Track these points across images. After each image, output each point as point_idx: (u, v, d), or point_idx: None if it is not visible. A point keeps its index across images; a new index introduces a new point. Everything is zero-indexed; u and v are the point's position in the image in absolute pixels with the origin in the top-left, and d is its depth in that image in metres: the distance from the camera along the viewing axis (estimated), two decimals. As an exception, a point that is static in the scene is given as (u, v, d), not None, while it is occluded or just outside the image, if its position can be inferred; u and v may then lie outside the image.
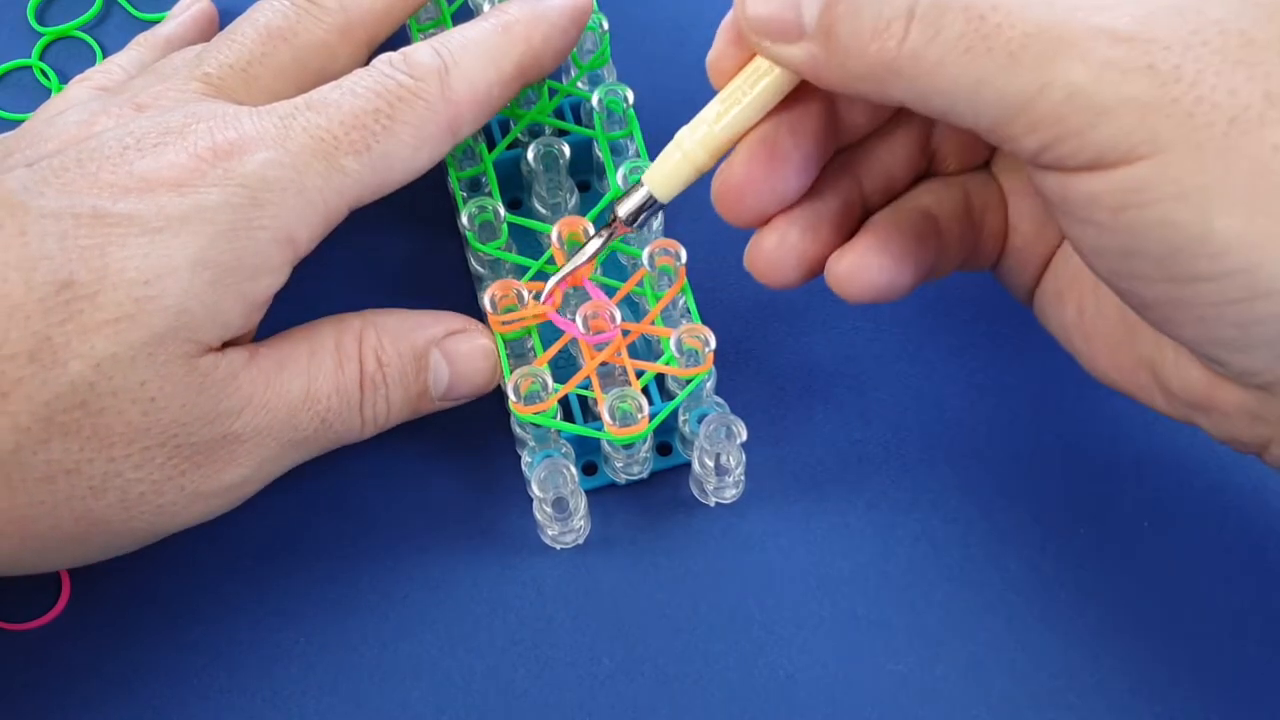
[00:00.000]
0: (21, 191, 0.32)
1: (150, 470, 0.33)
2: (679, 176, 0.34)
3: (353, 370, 0.36)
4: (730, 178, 0.33)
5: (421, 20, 0.42)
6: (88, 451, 0.32)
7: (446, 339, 0.37)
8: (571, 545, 0.38)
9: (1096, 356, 0.34)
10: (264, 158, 0.33)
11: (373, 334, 0.36)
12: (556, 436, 0.37)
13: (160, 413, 0.32)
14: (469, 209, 0.38)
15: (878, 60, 0.29)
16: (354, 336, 0.36)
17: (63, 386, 0.31)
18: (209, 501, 0.34)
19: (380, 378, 0.36)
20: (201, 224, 0.32)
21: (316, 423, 0.35)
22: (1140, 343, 0.32)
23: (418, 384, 0.37)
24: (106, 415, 0.32)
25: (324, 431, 0.36)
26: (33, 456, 0.31)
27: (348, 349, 0.36)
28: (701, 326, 0.36)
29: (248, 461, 0.34)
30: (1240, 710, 0.36)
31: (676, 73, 0.44)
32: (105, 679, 0.37)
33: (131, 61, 0.42)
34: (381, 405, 0.36)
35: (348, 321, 0.36)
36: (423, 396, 0.37)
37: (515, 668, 0.37)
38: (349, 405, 0.36)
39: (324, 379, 0.35)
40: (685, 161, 0.34)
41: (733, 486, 0.38)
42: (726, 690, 0.37)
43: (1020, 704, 0.36)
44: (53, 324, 0.31)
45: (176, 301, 0.32)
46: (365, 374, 0.36)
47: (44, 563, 0.35)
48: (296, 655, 0.37)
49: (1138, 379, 0.33)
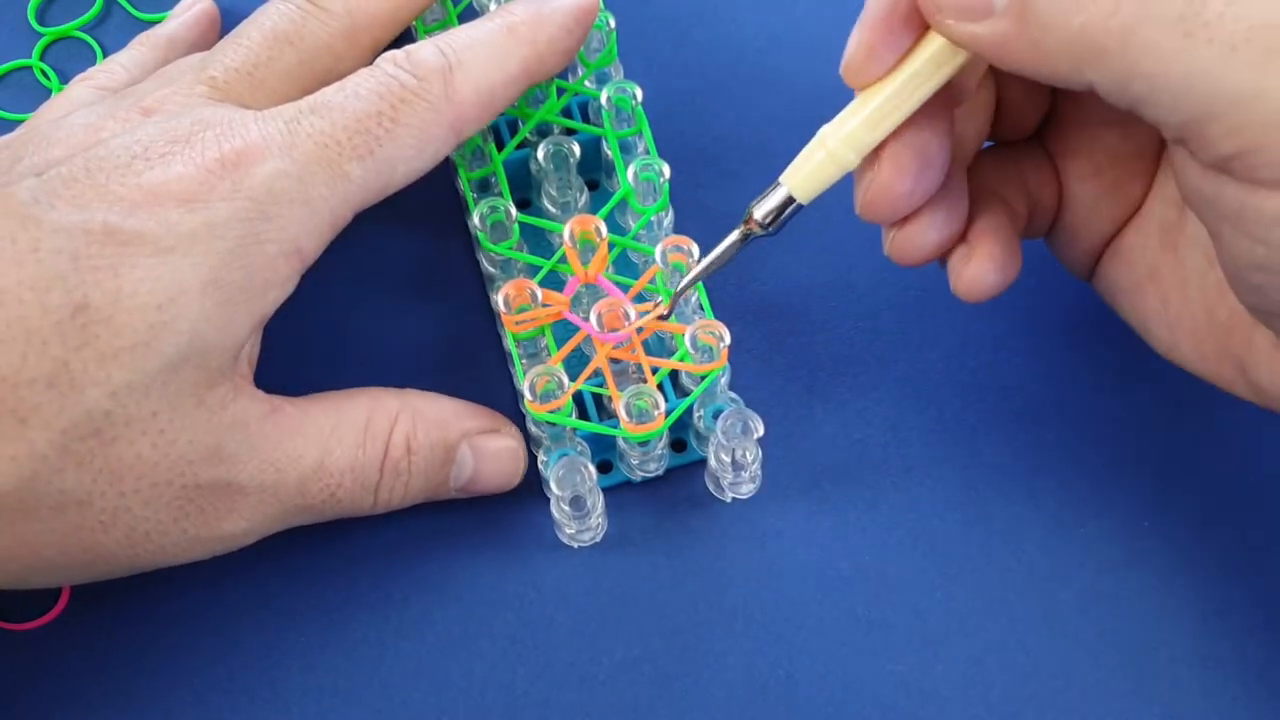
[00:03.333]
0: (33, 204, 0.32)
1: (157, 509, 0.33)
2: (822, 176, 0.33)
3: (375, 452, 0.36)
4: (884, 187, 0.33)
5: (427, 21, 0.42)
6: (100, 484, 0.32)
7: (478, 435, 0.37)
8: (589, 543, 0.38)
9: (1180, 345, 0.34)
10: (271, 168, 0.33)
11: (408, 420, 0.36)
12: (572, 435, 0.37)
13: (169, 447, 0.32)
14: (480, 209, 0.38)
15: (1081, 35, 0.27)
16: (388, 418, 0.36)
17: (80, 414, 0.31)
18: (208, 546, 0.34)
19: (406, 465, 0.36)
20: (211, 241, 0.32)
21: (325, 495, 0.35)
22: (1233, 340, 0.32)
23: (440, 475, 0.37)
24: (119, 446, 0.32)
25: (331, 505, 0.35)
26: (47, 485, 0.31)
27: (377, 430, 0.36)
28: (716, 322, 0.37)
29: (249, 516, 0.34)
30: (1240, 710, 0.36)
31: (683, 69, 0.44)
32: (105, 679, 0.37)
33: (132, 61, 0.42)
34: (399, 491, 0.36)
35: (384, 401, 0.36)
36: (442, 486, 0.37)
37: (515, 668, 0.37)
38: (363, 486, 0.36)
39: (342, 455, 0.35)
40: (830, 161, 0.33)
41: (749, 481, 0.38)
42: (727, 690, 0.37)
43: (1020, 704, 0.37)
44: (70, 349, 0.31)
45: (190, 326, 0.32)
46: (390, 458, 0.36)
47: (47, 582, 0.35)
48: (296, 655, 0.37)
49: (1222, 371, 0.33)
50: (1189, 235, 0.33)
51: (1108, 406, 0.40)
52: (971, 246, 0.34)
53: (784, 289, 0.41)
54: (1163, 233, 0.34)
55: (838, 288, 0.41)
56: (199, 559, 0.35)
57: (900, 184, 0.32)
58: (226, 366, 0.33)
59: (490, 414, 0.38)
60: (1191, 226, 0.33)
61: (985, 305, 0.41)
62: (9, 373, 0.31)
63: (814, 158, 0.33)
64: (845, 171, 0.33)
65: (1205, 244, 0.32)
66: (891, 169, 0.32)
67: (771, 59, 0.44)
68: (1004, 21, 0.28)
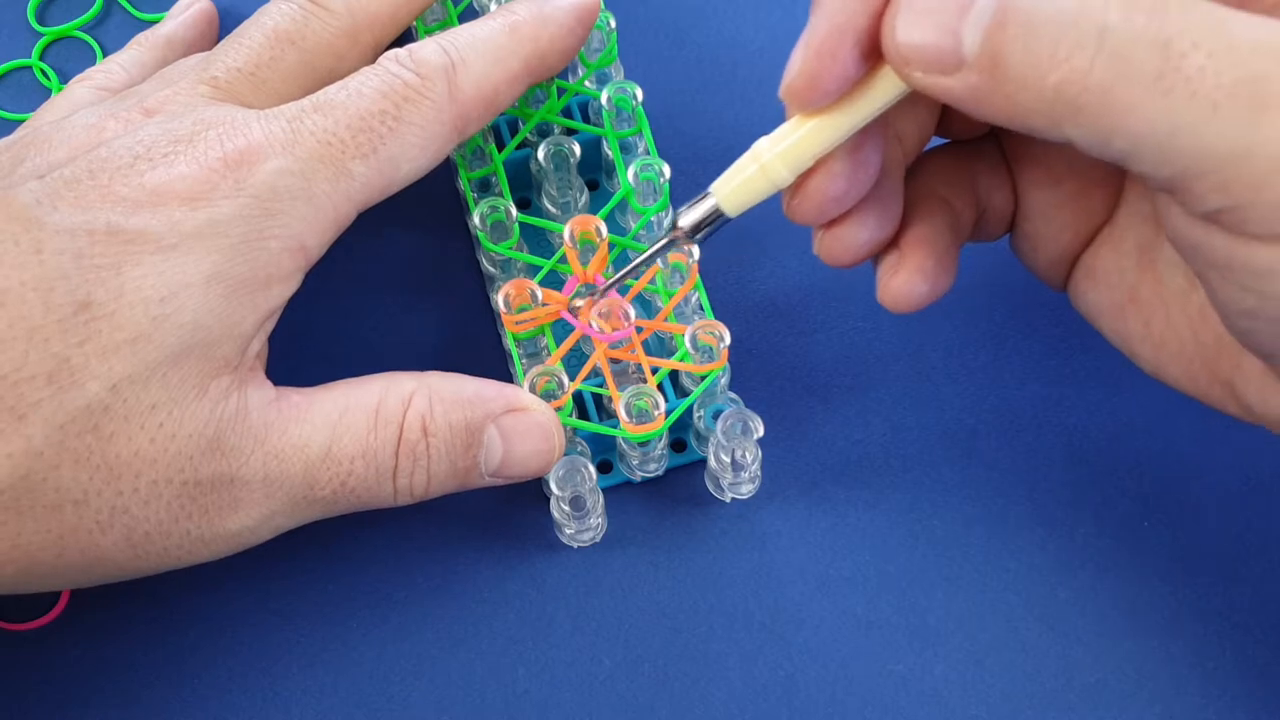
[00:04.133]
0: (35, 206, 0.32)
1: (156, 508, 0.32)
2: (752, 190, 0.32)
3: (388, 435, 0.34)
4: (813, 191, 0.31)
5: (428, 21, 0.42)
6: (96, 482, 0.31)
7: (505, 415, 0.35)
8: (589, 543, 0.38)
9: (1166, 367, 0.33)
10: (274, 166, 0.33)
11: (424, 400, 0.35)
12: (572, 435, 0.37)
13: (168, 441, 0.32)
14: (480, 209, 0.39)
15: (1057, 94, 0.26)
16: (400, 399, 0.35)
17: (78, 409, 0.31)
18: (213, 546, 0.34)
19: (423, 448, 0.35)
20: (215, 238, 0.32)
21: (336, 485, 0.34)
22: (1220, 363, 0.31)
23: (466, 459, 0.35)
24: (116, 442, 0.31)
25: (344, 495, 0.34)
26: (43, 483, 0.31)
27: (388, 412, 0.34)
28: (716, 322, 0.37)
29: (253, 511, 0.34)
30: (1241, 710, 0.36)
31: (683, 69, 0.44)
32: (105, 679, 0.37)
33: (132, 61, 0.42)
34: (421, 477, 0.35)
35: (398, 382, 0.35)
36: (471, 471, 0.35)
37: (515, 667, 0.37)
38: (378, 473, 0.34)
39: (350, 440, 0.34)
40: (762, 176, 0.31)
41: (749, 482, 0.38)
42: (727, 690, 0.37)
43: (1020, 704, 0.37)
44: (71, 345, 0.31)
45: (192, 318, 0.32)
46: (405, 441, 0.34)
47: (46, 587, 0.34)
48: (296, 655, 0.37)
49: (1211, 392, 0.32)
50: (1168, 256, 0.32)
51: (1108, 406, 0.40)
52: (902, 255, 0.33)
53: (784, 289, 0.41)
54: (1140, 252, 0.33)
55: (838, 288, 0.41)
56: (205, 561, 0.34)
57: (831, 188, 0.31)
58: (231, 358, 0.33)
59: (517, 391, 0.36)
60: (1169, 249, 0.32)
61: (985, 306, 0.41)
62: (9, 370, 0.31)
63: (746, 170, 0.32)
64: (778, 189, 0.32)
65: (1186, 265, 0.31)
66: (822, 173, 0.31)
67: (771, 59, 0.44)
68: (974, 75, 0.27)
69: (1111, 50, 0.25)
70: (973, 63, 0.27)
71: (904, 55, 0.28)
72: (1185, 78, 0.25)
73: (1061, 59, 0.26)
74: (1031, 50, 0.26)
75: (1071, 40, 0.25)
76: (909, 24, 0.27)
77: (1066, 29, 0.25)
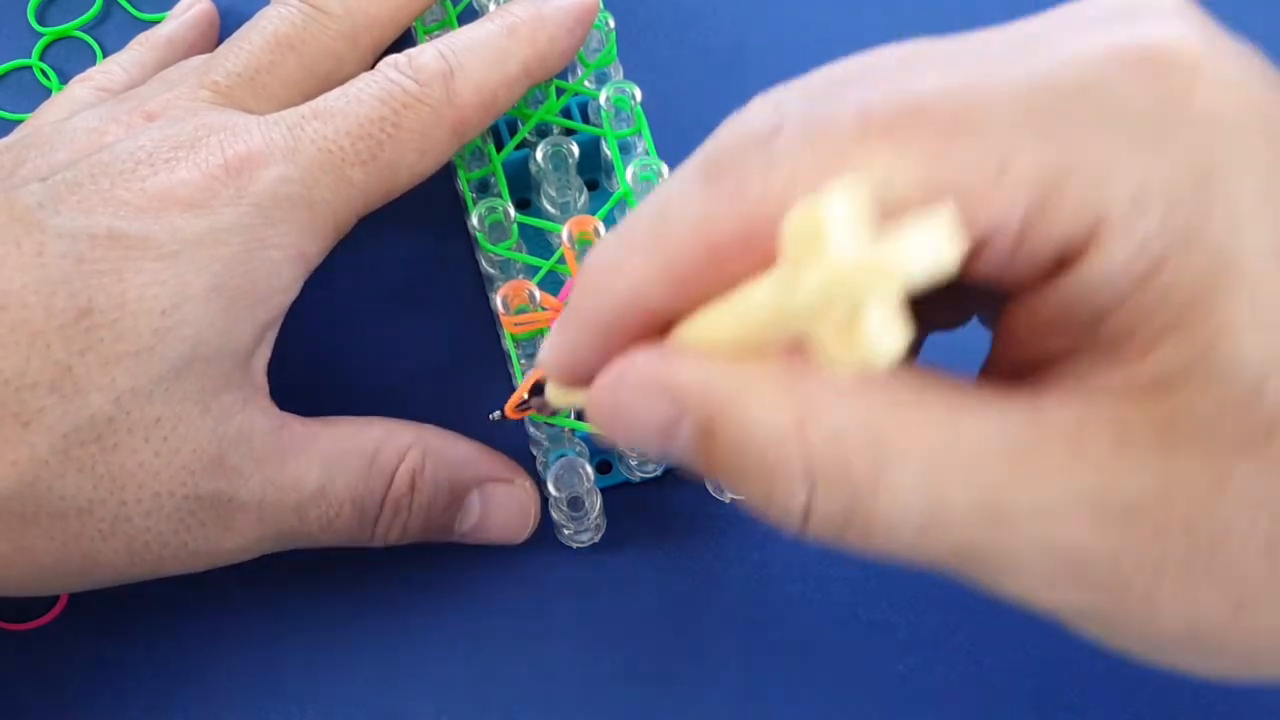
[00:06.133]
0: (38, 209, 0.32)
1: (158, 519, 0.32)
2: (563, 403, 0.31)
3: (379, 486, 0.35)
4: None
5: (427, 22, 0.42)
6: (100, 491, 0.32)
7: (490, 483, 0.37)
8: (589, 544, 0.38)
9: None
10: (275, 174, 0.33)
11: (418, 455, 0.35)
12: (570, 435, 0.37)
13: (172, 455, 0.32)
14: (479, 210, 0.39)
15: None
16: (397, 451, 0.35)
17: (82, 419, 0.31)
18: (205, 560, 0.34)
19: (407, 502, 0.35)
20: (216, 247, 0.32)
21: (323, 523, 0.34)
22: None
23: (443, 518, 0.36)
24: (120, 452, 0.31)
25: (328, 533, 0.35)
26: (48, 491, 0.31)
27: (384, 462, 0.35)
28: None
29: (247, 534, 0.34)
30: (1241, 710, 0.36)
31: (683, 69, 0.44)
32: (105, 679, 0.37)
33: (132, 61, 0.42)
34: (397, 528, 0.36)
35: (397, 434, 0.35)
36: (446, 529, 0.37)
37: (515, 667, 0.37)
38: (362, 518, 0.35)
39: (344, 484, 0.34)
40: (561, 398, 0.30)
41: (750, 481, 0.38)
42: (726, 690, 0.37)
43: (1020, 704, 0.37)
44: (73, 353, 0.31)
45: (194, 332, 0.32)
46: (392, 492, 0.35)
47: (45, 590, 0.34)
48: (297, 655, 0.37)
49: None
50: None
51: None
52: None
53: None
54: None
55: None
56: (193, 572, 0.34)
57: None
58: (234, 373, 0.33)
59: (508, 463, 0.37)
60: None
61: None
62: (12, 375, 0.31)
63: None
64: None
65: None
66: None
67: (771, 59, 0.44)
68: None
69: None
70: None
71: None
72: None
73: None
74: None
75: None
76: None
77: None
